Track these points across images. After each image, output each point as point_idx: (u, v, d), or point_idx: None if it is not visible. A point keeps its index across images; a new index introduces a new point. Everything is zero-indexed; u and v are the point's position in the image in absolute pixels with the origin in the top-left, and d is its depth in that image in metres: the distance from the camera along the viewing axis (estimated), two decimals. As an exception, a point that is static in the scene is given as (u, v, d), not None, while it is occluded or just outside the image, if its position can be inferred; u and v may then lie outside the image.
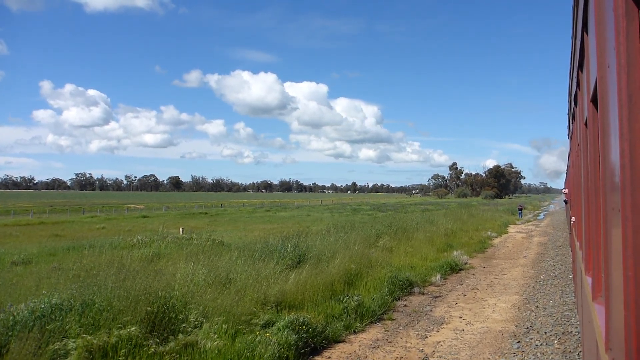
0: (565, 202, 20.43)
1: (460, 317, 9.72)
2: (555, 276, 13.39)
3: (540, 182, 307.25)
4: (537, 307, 10.09)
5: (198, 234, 25.62)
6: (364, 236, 17.13)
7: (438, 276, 13.35)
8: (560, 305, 9.89)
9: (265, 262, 11.12)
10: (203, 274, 9.86)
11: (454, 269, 15.19)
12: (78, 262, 11.54)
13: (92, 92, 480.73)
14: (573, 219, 9.25)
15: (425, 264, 14.93)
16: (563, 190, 21.56)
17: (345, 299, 9.53)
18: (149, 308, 7.00)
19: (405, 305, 10.65)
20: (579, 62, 3.98)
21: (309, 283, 10.07)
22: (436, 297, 11.64)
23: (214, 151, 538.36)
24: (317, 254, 12.53)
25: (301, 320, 7.74)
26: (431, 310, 10.29)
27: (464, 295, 11.78)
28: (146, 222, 38.79)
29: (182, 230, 20.66)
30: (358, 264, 12.49)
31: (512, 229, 32.70)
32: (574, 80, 5.07)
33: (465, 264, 16.53)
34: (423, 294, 11.89)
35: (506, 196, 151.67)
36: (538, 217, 49.16)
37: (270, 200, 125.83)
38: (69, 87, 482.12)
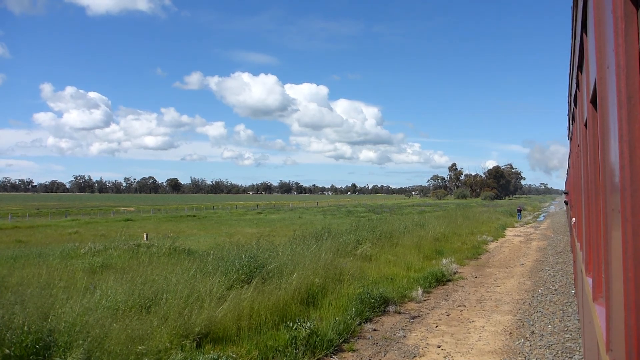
0: (566, 203, 18.70)
1: (439, 347, 7.91)
2: (555, 290, 11.57)
3: (541, 183, 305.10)
4: (532, 333, 8.28)
5: (169, 239, 23.83)
6: (342, 242, 15.32)
7: (420, 290, 11.53)
8: (561, 331, 8.07)
9: (206, 277, 9.30)
10: (124, 295, 8.10)
11: (441, 280, 13.38)
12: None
13: (93, 94, 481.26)
14: (574, 219, 8.89)
15: (407, 275, 13.12)
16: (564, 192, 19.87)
17: (295, 326, 7.72)
18: (6, 350, 5.20)
19: (374, 330, 8.84)
20: (579, 63, 3.92)
21: (256, 305, 8.26)
22: (414, 317, 9.83)
23: (214, 153, 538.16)
24: (279, 266, 10.73)
25: (223, 360, 5.95)
26: (405, 337, 8.48)
27: (448, 315, 9.97)
28: (127, 225, 37.01)
29: (146, 237, 18.87)
30: (324, 278, 10.70)
31: (509, 232, 30.87)
32: (574, 81, 4.94)
33: (455, 273, 14.73)
34: (399, 313, 10.07)
35: (506, 197, 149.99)
36: (538, 219, 47.31)
37: (266, 202, 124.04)
38: (69, 90, 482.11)
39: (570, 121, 7.52)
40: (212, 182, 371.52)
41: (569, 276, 13.28)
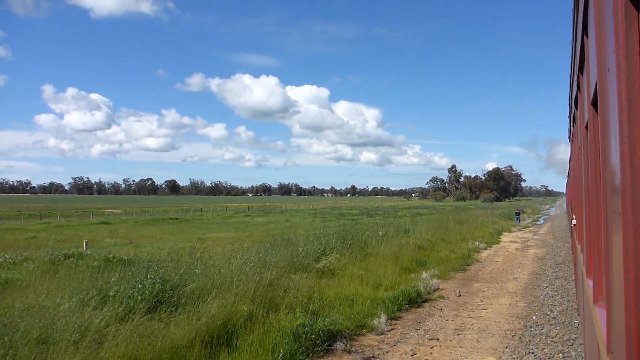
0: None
1: (387, 413, 5.54)
2: (554, 319, 9.17)
3: (541, 185, 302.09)
4: (520, 391, 5.90)
5: (131, 245, 21.55)
6: (301, 253, 12.95)
7: (383, 318, 9.15)
8: (561, 393, 5.69)
9: (85, 307, 6.94)
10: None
11: (415, 301, 10.99)
12: None
13: (94, 96, 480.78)
14: (574, 221, 8.70)
15: (374, 295, 10.74)
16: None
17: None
18: None
19: (304, 382, 6.46)
20: (580, 65, 3.89)
21: (132, 352, 5.91)
22: (367, 358, 7.45)
23: (215, 155, 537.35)
24: (198, 288, 8.38)
25: None
26: (344, 394, 6.11)
27: (413, 355, 7.60)
28: (98, 229, 34.71)
29: (86, 245, 16.55)
30: (257, 304, 8.34)
31: (506, 237, 28.46)
32: (575, 83, 4.86)
33: (435, 290, 12.37)
34: (349, 352, 7.69)
35: (506, 199, 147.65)
36: (537, 223, 44.92)
37: (260, 204, 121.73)
38: (71, 91, 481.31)
39: (571, 123, 7.42)
40: (211, 183, 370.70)
41: (571, 297, 10.91)
